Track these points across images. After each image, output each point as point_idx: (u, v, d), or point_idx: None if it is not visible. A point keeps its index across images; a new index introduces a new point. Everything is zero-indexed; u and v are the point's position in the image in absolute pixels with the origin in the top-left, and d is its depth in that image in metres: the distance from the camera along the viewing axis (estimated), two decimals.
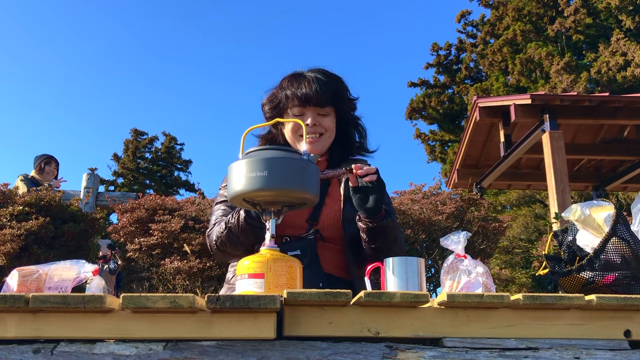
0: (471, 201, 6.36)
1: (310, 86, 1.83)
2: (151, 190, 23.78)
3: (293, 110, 1.85)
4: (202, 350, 1.01)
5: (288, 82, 1.88)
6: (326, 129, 1.85)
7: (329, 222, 1.80)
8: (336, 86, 1.88)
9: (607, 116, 7.26)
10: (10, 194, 5.11)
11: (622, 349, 1.09)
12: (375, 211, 1.65)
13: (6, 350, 0.99)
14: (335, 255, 1.76)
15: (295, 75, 1.90)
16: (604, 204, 1.39)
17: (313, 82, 1.84)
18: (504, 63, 22.28)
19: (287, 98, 1.85)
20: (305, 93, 1.82)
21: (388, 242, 1.72)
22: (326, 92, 1.84)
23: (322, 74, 1.88)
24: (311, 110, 1.84)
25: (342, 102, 1.89)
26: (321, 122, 1.84)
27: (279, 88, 1.91)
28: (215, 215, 1.83)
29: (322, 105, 1.84)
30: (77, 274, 1.27)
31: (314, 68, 1.93)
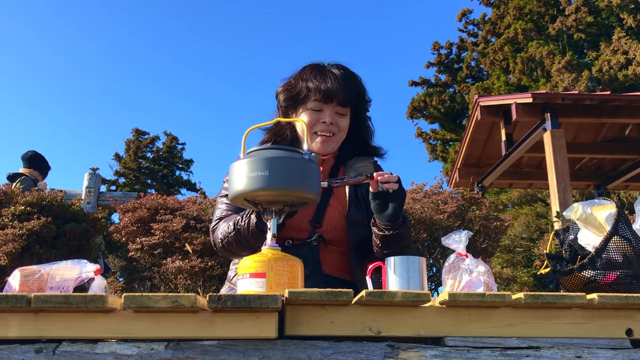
0: (472, 200, 6.36)
1: (336, 82, 1.74)
2: (153, 189, 23.80)
3: (312, 104, 1.77)
4: (203, 349, 1.01)
5: (311, 73, 1.79)
6: (341, 129, 1.79)
7: (333, 225, 1.76)
8: (359, 86, 1.82)
9: (609, 115, 7.25)
10: (12, 194, 5.11)
11: (624, 348, 1.09)
12: (394, 219, 1.61)
13: (8, 350, 1.00)
14: (337, 258, 1.74)
15: (318, 67, 1.81)
16: (606, 202, 1.38)
17: (339, 79, 1.75)
18: (505, 62, 22.27)
19: (309, 90, 1.76)
20: (329, 88, 1.74)
21: (401, 248, 1.67)
22: (351, 92, 1.77)
23: (346, 72, 1.80)
24: (331, 108, 1.76)
25: (362, 103, 1.84)
26: (338, 122, 1.78)
27: (299, 78, 1.81)
28: (220, 210, 1.78)
29: (344, 105, 1.77)
30: (78, 274, 1.27)
31: (335, 63, 1.84)
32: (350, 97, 1.77)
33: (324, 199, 1.79)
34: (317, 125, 1.76)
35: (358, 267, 1.73)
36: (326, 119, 1.75)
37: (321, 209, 1.77)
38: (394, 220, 1.61)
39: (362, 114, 1.87)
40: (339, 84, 1.74)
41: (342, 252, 1.75)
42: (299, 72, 1.83)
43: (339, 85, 1.74)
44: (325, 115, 1.76)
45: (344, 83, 1.75)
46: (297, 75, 1.83)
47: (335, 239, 1.74)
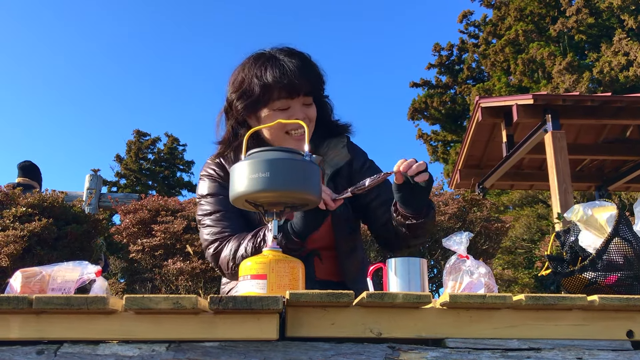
0: (473, 201, 6.36)
1: (296, 73, 1.55)
2: (154, 191, 23.81)
3: (276, 104, 1.58)
4: (204, 351, 1.01)
5: (265, 69, 1.57)
6: (312, 120, 1.64)
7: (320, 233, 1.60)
8: (317, 70, 1.65)
9: (610, 116, 7.25)
10: (13, 196, 5.12)
11: (625, 350, 1.09)
12: (421, 208, 1.50)
13: (10, 351, 1.00)
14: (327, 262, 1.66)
15: (270, 60, 1.59)
16: (606, 204, 1.38)
17: (298, 68, 1.57)
18: (506, 63, 22.27)
19: (270, 90, 1.56)
20: (292, 82, 1.55)
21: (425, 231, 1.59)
22: (313, 79, 1.61)
23: (301, 58, 1.61)
24: (298, 102, 1.59)
25: (322, 86, 1.68)
26: (308, 114, 1.62)
27: (252, 77, 1.59)
28: (210, 230, 1.63)
29: (310, 94, 1.61)
30: (80, 275, 1.28)
31: (282, 49, 1.64)
32: (314, 83, 1.62)
33: None
34: (289, 125, 1.60)
35: (348, 267, 1.68)
36: (297, 115, 1.58)
37: None
38: (421, 210, 1.49)
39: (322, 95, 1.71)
40: (300, 74, 1.56)
41: (331, 255, 1.68)
42: (249, 70, 1.61)
43: (300, 75, 1.56)
44: (296, 112, 1.59)
45: (304, 71, 1.58)
46: (247, 73, 1.61)
47: (323, 247, 1.66)
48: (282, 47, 1.65)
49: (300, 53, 1.64)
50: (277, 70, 1.56)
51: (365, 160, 1.78)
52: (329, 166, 1.71)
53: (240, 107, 1.62)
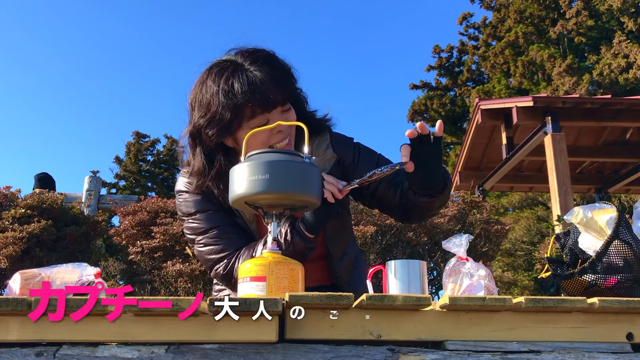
0: (473, 204, 6.36)
1: (266, 84, 1.41)
2: (153, 193, 23.81)
3: (253, 121, 1.44)
4: (204, 353, 1.01)
5: (230, 85, 1.41)
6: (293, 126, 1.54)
7: None
8: (286, 71, 1.51)
9: (609, 118, 7.26)
10: (12, 197, 5.12)
11: (625, 352, 1.09)
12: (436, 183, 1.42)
13: (9, 353, 1.00)
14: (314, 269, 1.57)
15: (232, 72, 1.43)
16: (606, 206, 1.38)
17: (268, 78, 1.42)
18: (506, 65, 22.30)
19: (240, 109, 1.41)
20: (265, 97, 1.41)
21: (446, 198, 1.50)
22: (285, 85, 1.47)
23: (266, 63, 1.45)
24: (277, 113, 1.47)
25: (296, 86, 1.55)
26: (289, 120, 1.50)
27: (218, 98, 1.42)
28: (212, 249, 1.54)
29: (286, 102, 1.48)
30: (79, 277, 1.28)
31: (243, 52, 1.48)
32: (289, 90, 1.48)
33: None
34: (272, 138, 1.48)
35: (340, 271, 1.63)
36: (280, 127, 1.46)
37: None
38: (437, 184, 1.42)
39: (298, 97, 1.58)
40: (273, 84, 1.42)
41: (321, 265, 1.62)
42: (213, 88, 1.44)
43: (273, 85, 1.42)
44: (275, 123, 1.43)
45: (276, 79, 1.43)
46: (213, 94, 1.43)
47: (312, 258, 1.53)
48: (244, 50, 1.49)
49: (266, 56, 1.48)
50: (245, 85, 1.40)
51: (354, 150, 1.66)
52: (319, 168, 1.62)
53: (211, 134, 1.45)
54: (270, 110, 1.44)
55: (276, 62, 1.49)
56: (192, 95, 1.50)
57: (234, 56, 1.49)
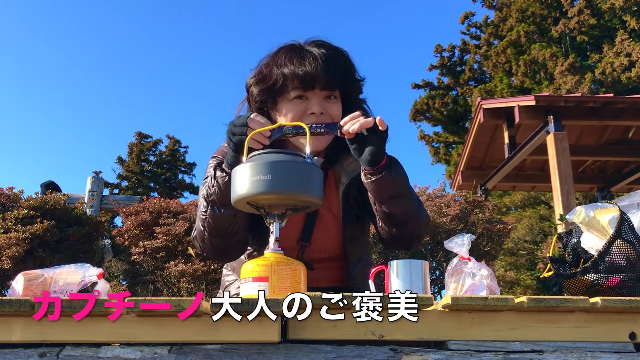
0: (475, 203, 6.35)
1: (316, 63, 1.47)
2: (155, 193, 23.83)
3: (293, 93, 1.50)
4: (206, 353, 1.01)
5: (286, 57, 1.51)
6: (333, 116, 1.52)
7: (326, 243, 1.58)
8: (346, 64, 1.55)
9: (612, 117, 7.25)
10: (15, 198, 5.13)
11: (627, 352, 1.09)
12: (374, 162, 1.39)
13: (12, 354, 1.00)
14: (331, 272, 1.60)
15: (294, 48, 1.54)
16: (609, 206, 1.38)
17: (320, 58, 1.49)
18: (508, 64, 22.26)
19: (286, 78, 1.49)
20: (309, 72, 1.47)
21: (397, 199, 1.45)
22: (336, 72, 1.50)
23: (329, 49, 1.53)
24: (316, 95, 1.50)
25: (351, 83, 1.57)
26: (328, 109, 1.52)
27: (272, 64, 1.53)
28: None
29: (331, 88, 1.51)
30: (82, 278, 1.28)
31: (314, 40, 1.56)
32: (336, 77, 1.50)
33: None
34: (305, 118, 1.50)
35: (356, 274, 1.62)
36: (314, 108, 1.49)
37: (309, 224, 1.57)
38: (374, 164, 1.39)
39: (354, 95, 1.60)
40: (320, 65, 1.48)
41: (337, 265, 1.61)
42: (271, 58, 1.55)
43: (320, 65, 1.47)
44: (313, 104, 1.50)
45: (327, 62, 1.49)
46: (269, 61, 1.55)
47: (329, 258, 1.59)
48: (317, 39, 1.57)
49: (331, 46, 1.55)
50: (297, 59, 1.49)
51: None
52: (345, 173, 1.60)
53: (256, 93, 1.56)
54: (307, 89, 1.49)
55: (337, 53, 1.54)
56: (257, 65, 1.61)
57: (305, 41, 1.57)
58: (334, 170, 1.63)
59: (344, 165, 1.61)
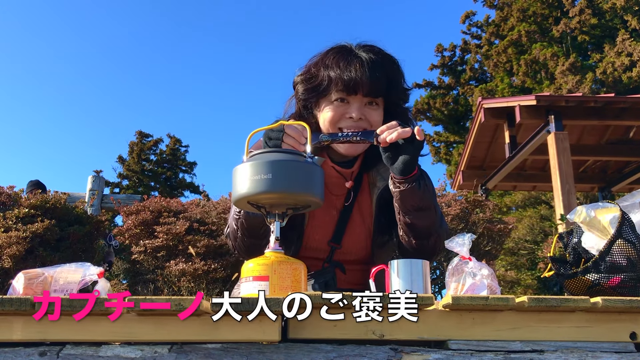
0: (476, 203, 6.35)
1: (362, 70, 1.48)
2: (156, 192, 23.84)
3: (336, 95, 1.52)
4: (207, 352, 1.01)
5: (334, 59, 1.53)
6: (372, 123, 1.52)
7: (355, 245, 1.59)
8: (392, 72, 1.55)
9: (613, 117, 7.25)
10: (15, 197, 5.13)
11: (628, 352, 1.09)
12: (406, 171, 1.40)
13: (13, 352, 1.00)
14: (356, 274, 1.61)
15: (343, 51, 1.55)
16: (609, 205, 1.38)
17: (366, 64, 1.49)
18: (509, 64, 22.24)
19: (331, 81, 1.51)
20: (353, 78, 1.48)
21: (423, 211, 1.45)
22: (380, 80, 1.50)
23: (378, 55, 1.53)
24: (358, 100, 1.52)
25: (395, 93, 1.56)
26: (368, 116, 1.52)
27: (320, 65, 1.55)
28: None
29: (373, 95, 1.52)
30: (82, 277, 1.28)
31: (365, 43, 1.57)
32: (380, 85, 1.51)
33: (346, 213, 1.60)
34: (343, 120, 1.53)
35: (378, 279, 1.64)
36: (353, 113, 1.51)
37: (341, 226, 1.59)
38: (406, 173, 1.40)
39: (397, 105, 1.60)
40: (366, 71, 1.48)
41: (363, 268, 1.61)
42: (320, 58, 1.58)
43: (365, 72, 1.48)
44: (353, 109, 1.51)
45: (372, 69, 1.49)
46: (318, 61, 1.58)
47: (357, 260, 1.60)
48: (368, 43, 1.58)
49: (380, 51, 1.56)
50: (344, 62, 1.51)
51: None
52: (381, 179, 1.61)
53: (301, 91, 1.59)
54: (350, 94, 1.51)
55: (385, 58, 1.55)
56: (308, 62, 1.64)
57: (357, 44, 1.58)
58: (369, 175, 1.64)
59: (380, 170, 1.62)
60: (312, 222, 1.59)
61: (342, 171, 1.62)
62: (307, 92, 1.57)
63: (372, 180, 1.63)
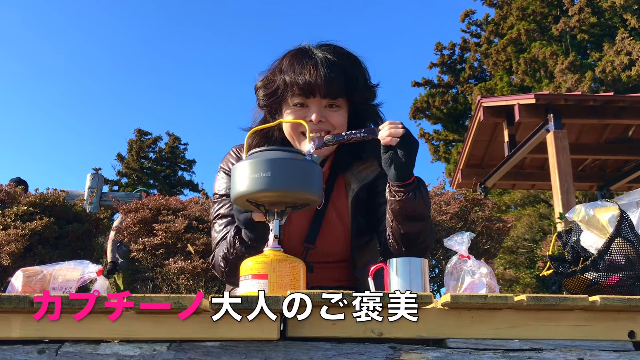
0: (475, 201, 6.34)
1: (316, 72, 1.46)
2: (155, 190, 23.83)
3: (293, 100, 1.51)
4: (205, 350, 1.01)
5: (289, 62, 1.51)
6: (335, 125, 1.51)
7: (332, 248, 1.57)
8: (351, 71, 1.51)
9: (612, 116, 7.25)
10: (14, 194, 5.13)
11: (626, 350, 1.09)
12: (402, 176, 1.38)
13: (11, 350, 1.00)
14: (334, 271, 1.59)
15: (299, 53, 1.53)
16: (608, 204, 1.38)
17: (321, 65, 1.47)
18: (508, 62, 22.24)
19: (286, 85, 1.50)
20: (308, 81, 1.46)
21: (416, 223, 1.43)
22: (337, 80, 1.47)
23: (334, 54, 1.50)
24: (316, 103, 1.50)
25: (357, 92, 1.53)
26: (329, 118, 1.51)
27: (277, 70, 1.54)
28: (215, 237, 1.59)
29: (331, 97, 1.49)
30: (81, 275, 1.28)
31: (324, 43, 1.55)
32: (337, 86, 1.47)
33: (319, 213, 1.56)
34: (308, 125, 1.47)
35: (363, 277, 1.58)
36: (312, 116, 1.49)
37: (315, 226, 1.56)
38: (402, 179, 1.38)
39: (363, 103, 1.57)
40: (321, 72, 1.45)
41: (342, 266, 1.60)
42: (277, 62, 1.56)
43: (320, 74, 1.45)
44: (311, 112, 1.49)
45: (328, 70, 1.46)
46: (275, 66, 1.55)
47: (334, 261, 1.57)
48: (326, 43, 1.55)
49: (337, 49, 1.53)
50: (299, 66, 1.49)
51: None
52: (356, 180, 1.60)
53: (261, 96, 1.58)
54: (308, 97, 1.49)
55: (343, 57, 1.52)
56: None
57: (314, 45, 1.57)
58: (344, 177, 1.63)
59: (354, 171, 1.61)
60: (289, 225, 1.57)
61: None
62: (266, 98, 1.56)
63: (347, 181, 1.62)
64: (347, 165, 1.61)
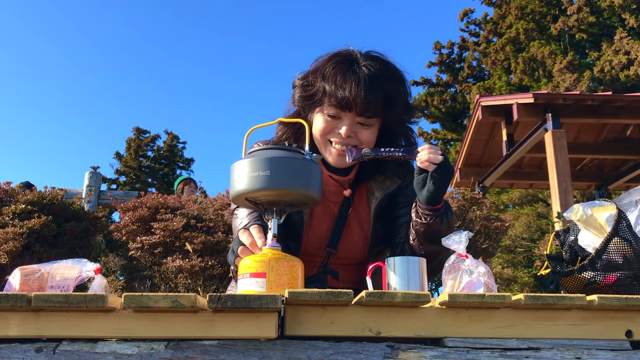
0: (473, 200, 6.34)
1: (357, 89, 1.43)
2: (153, 188, 23.81)
3: (329, 110, 1.50)
4: (203, 349, 1.01)
5: (333, 70, 1.48)
6: (363, 142, 1.51)
7: (352, 252, 1.60)
8: (392, 92, 1.49)
9: (610, 115, 7.25)
10: (12, 192, 5.12)
11: (624, 349, 1.09)
12: (433, 200, 1.39)
13: (9, 349, 1.00)
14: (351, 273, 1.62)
15: (344, 62, 1.49)
16: (606, 204, 1.38)
17: (363, 82, 1.44)
18: (507, 62, 22.25)
19: (325, 94, 1.49)
20: (346, 97, 1.44)
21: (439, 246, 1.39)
22: (375, 102, 1.45)
23: (380, 70, 1.48)
24: (350, 117, 1.48)
25: (393, 113, 1.51)
26: (358, 134, 1.50)
27: (318, 74, 1.52)
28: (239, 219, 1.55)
29: (367, 116, 1.48)
30: (79, 273, 1.28)
31: (371, 54, 1.52)
32: (375, 107, 1.46)
33: (342, 218, 1.60)
34: (332, 134, 1.52)
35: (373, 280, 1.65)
36: (342, 130, 1.48)
37: (337, 231, 1.58)
38: (432, 203, 1.39)
39: (397, 123, 1.56)
40: (362, 90, 1.43)
41: (358, 267, 1.62)
42: (321, 65, 1.53)
43: (361, 91, 1.43)
44: (342, 125, 1.49)
45: (369, 88, 1.44)
46: (318, 69, 1.53)
47: (352, 264, 1.61)
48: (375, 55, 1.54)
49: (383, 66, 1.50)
50: (342, 77, 1.46)
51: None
52: (380, 188, 1.62)
53: (297, 96, 1.58)
54: (344, 110, 1.48)
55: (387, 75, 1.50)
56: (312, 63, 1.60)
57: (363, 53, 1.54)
58: (367, 185, 1.65)
59: (378, 180, 1.64)
60: (310, 229, 1.60)
61: (339, 179, 1.62)
62: (301, 100, 1.56)
63: (370, 190, 1.64)
64: (371, 175, 1.63)
